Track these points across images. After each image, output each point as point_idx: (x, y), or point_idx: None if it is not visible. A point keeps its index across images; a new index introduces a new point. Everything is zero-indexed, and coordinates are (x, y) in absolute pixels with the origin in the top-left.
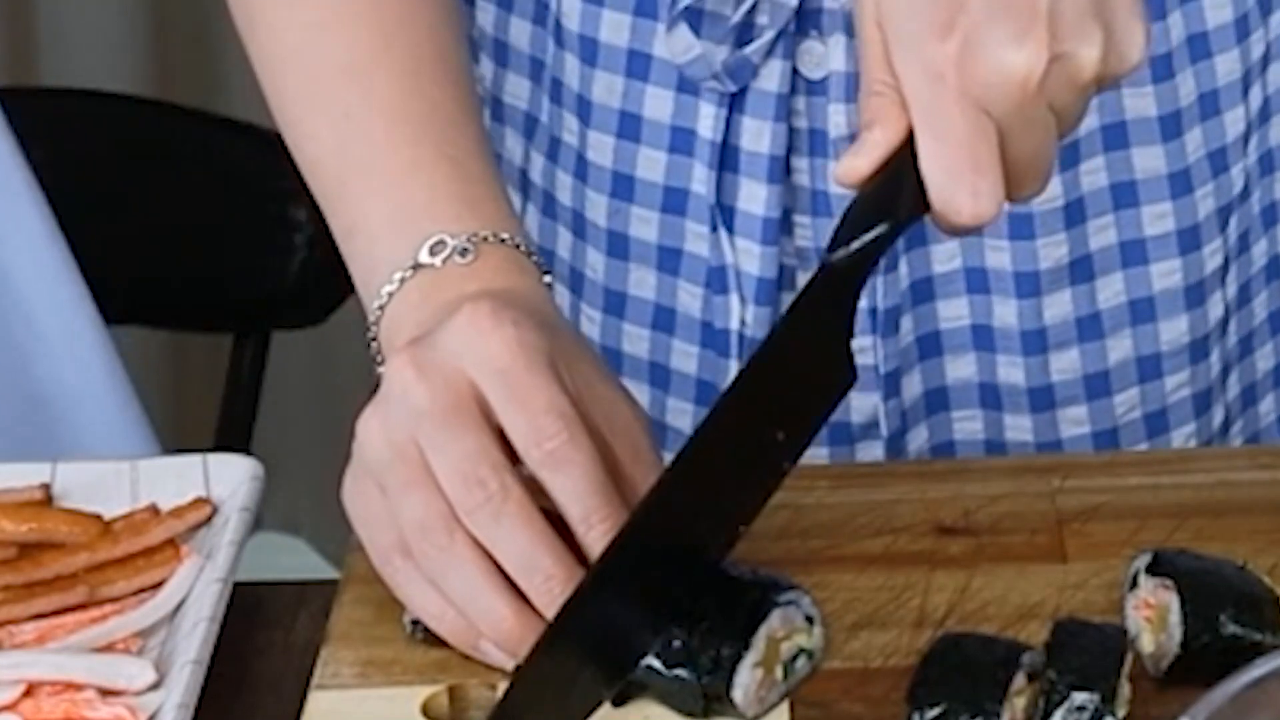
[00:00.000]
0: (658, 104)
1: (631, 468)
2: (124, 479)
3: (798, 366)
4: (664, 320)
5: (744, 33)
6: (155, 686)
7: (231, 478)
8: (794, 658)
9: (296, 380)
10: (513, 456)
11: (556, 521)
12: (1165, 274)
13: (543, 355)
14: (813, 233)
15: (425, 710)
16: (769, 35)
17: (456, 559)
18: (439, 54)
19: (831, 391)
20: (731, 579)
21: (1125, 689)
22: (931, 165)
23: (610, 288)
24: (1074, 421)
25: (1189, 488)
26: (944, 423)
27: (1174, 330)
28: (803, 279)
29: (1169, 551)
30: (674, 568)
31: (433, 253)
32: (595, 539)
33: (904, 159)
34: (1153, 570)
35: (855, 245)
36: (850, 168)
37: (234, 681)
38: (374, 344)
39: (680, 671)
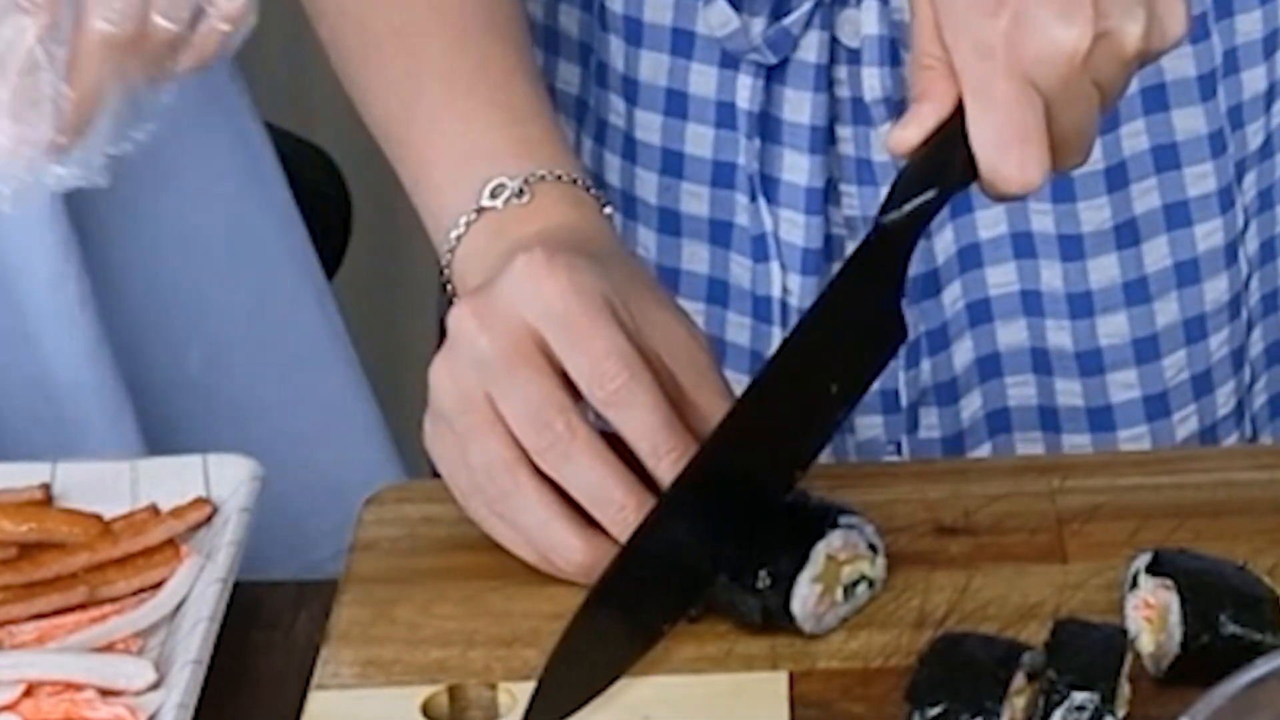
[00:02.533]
0: (702, 80)
1: (695, 391)
2: (124, 479)
3: (850, 324)
4: (718, 293)
5: (781, 5)
6: (155, 686)
7: (231, 478)
8: (855, 583)
9: None
10: (576, 395)
11: (623, 450)
12: (1208, 234)
13: (598, 297)
14: (859, 201)
15: (425, 710)
16: (807, 6)
17: (523, 499)
18: (488, 14)
19: (884, 348)
20: (795, 503)
21: (1125, 689)
22: (980, 135)
23: (663, 264)
24: (1124, 385)
25: (1189, 488)
26: (998, 389)
27: (1216, 290)
28: (851, 248)
29: (1169, 551)
30: (736, 503)
31: (493, 195)
32: (665, 470)
33: (953, 129)
34: (1153, 570)
35: (906, 208)
36: (900, 138)
37: (234, 681)
38: (449, 287)
39: (742, 582)
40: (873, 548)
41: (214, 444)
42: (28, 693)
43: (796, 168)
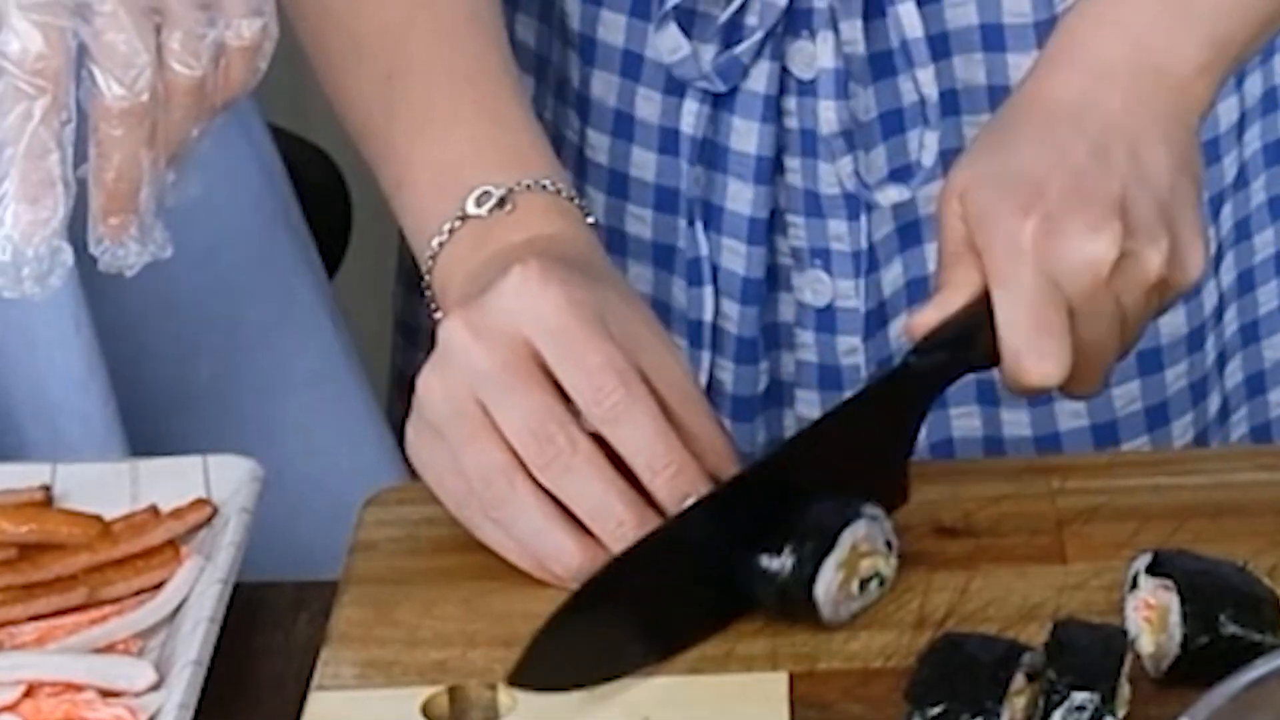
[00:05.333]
0: (649, 105)
1: (681, 410)
2: (124, 480)
3: (854, 452)
4: (659, 316)
5: (733, 33)
6: (155, 687)
7: (232, 479)
8: (869, 579)
9: None
10: (573, 409)
11: (620, 465)
12: None
13: (592, 311)
14: (805, 233)
15: (425, 710)
16: (758, 35)
17: (520, 505)
18: (472, 14)
19: (883, 498)
20: (819, 499)
21: (1125, 689)
22: (1006, 325)
23: None
24: (1072, 415)
25: (1189, 488)
26: (942, 420)
27: (1173, 323)
28: (796, 278)
29: (1169, 552)
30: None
31: (479, 203)
32: (661, 485)
33: (980, 313)
34: (1153, 571)
35: (929, 361)
36: (919, 322)
37: (234, 682)
38: (428, 293)
39: (765, 560)
40: (888, 545)
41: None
42: (28, 693)
43: (740, 197)
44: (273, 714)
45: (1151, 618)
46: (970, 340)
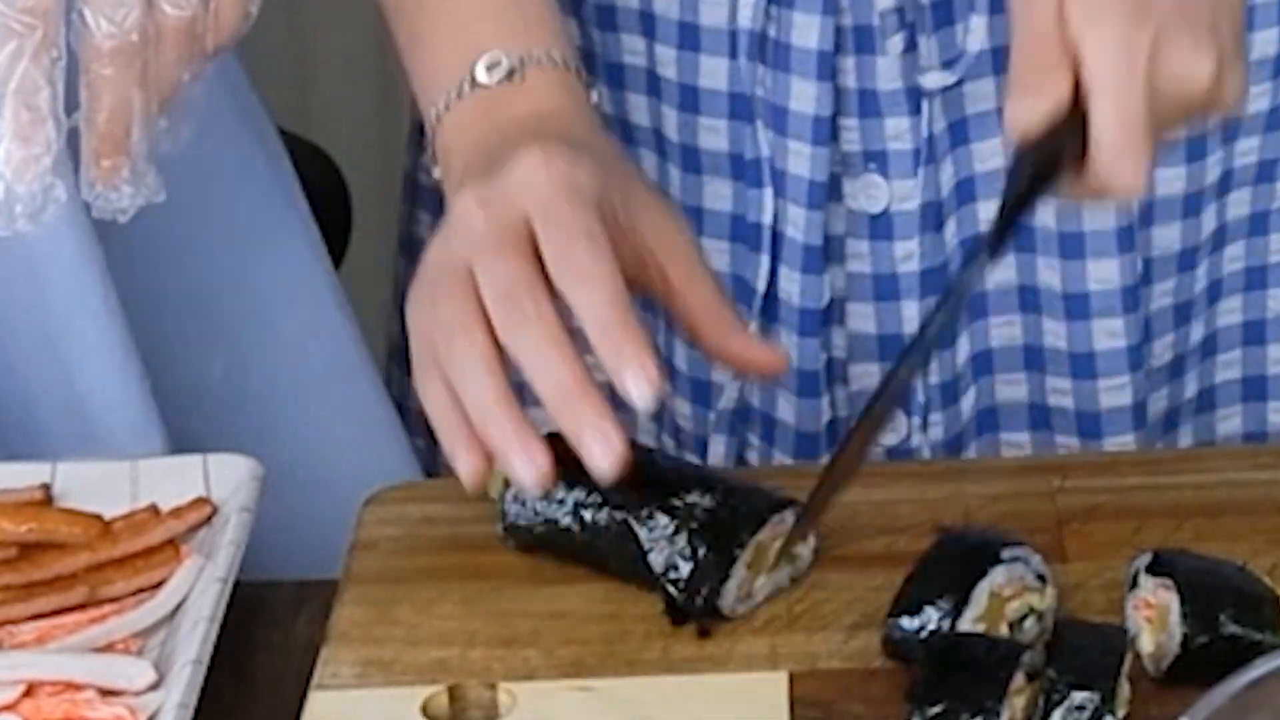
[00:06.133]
0: (712, 10)
1: (684, 284)
2: (124, 479)
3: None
4: (720, 223)
5: None
6: (155, 687)
7: (231, 478)
8: (1022, 618)
9: None
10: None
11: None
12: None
13: (590, 194)
14: (860, 135)
15: (425, 710)
16: None
17: (473, 364)
18: None
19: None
20: (953, 537)
21: (1125, 689)
22: (1107, 129)
23: (687, 204)
24: (1108, 334)
25: (1189, 488)
26: (981, 331)
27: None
28: (848, 184)
29: (1169, 551)
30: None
31: (488, 71)
32: (606, 347)
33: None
34: (1153, 570)
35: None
36: (1027, 108)
37: (234, 681)
38: (430, 150)
39: (907, 621)
40: (1041, 579)
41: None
42: (28, 693)
43: (803, 95)
44: (273, 713)
45: (1151, 617)
46: (1051, 157)
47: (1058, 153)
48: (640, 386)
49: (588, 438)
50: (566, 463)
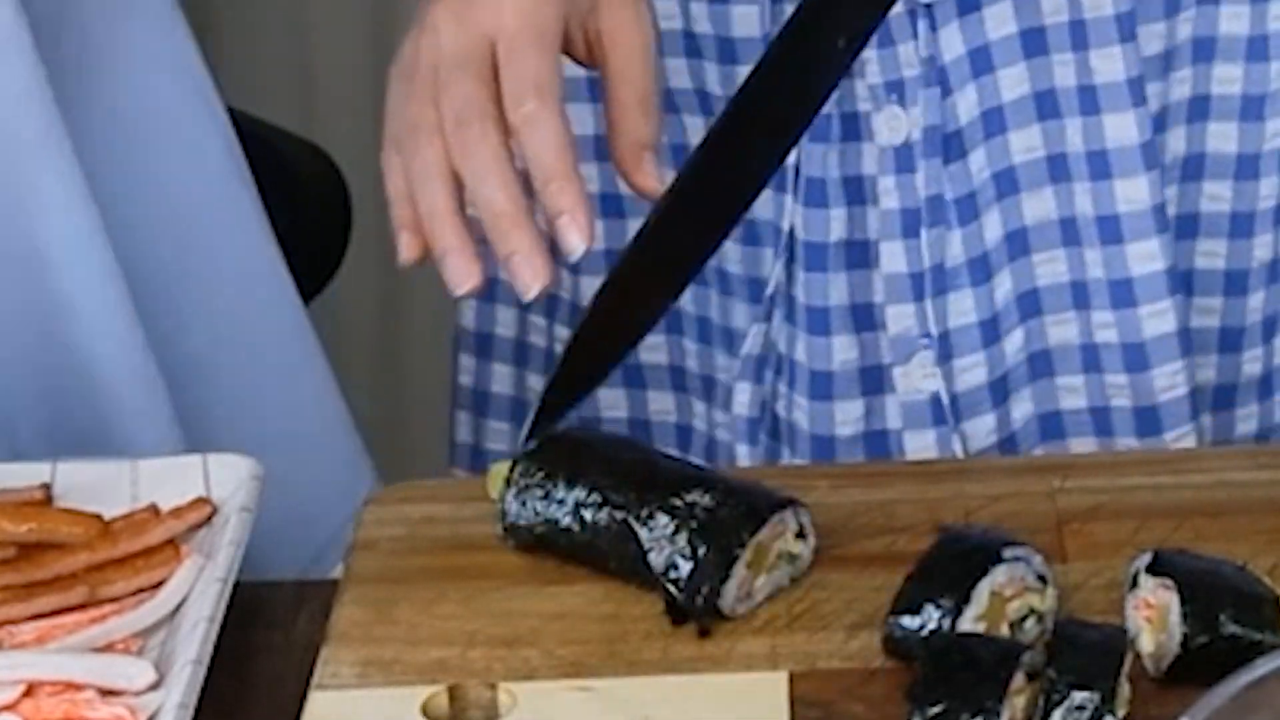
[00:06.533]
0: None
1: (617, 78)
2: (124, 479)
3: None
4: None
5: None
6: (155, 687)
7: (231, 478)
8: (1023, 619)
9: None
10: None
11: None
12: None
13: (551, 32)
14: (879, 67)
15: (425, 710)
16: None
17: (429, 165)
18: None
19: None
20: (956, 535)
21: (1125, 689)
22: None
23: None
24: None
25: (1189, 488)
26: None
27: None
28: (876, 121)
29: (1169, 551)
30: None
31: None
32: (549, 195)
33: None
34: (1153, 570)
35: None
36: None
37: (234, 681)
38: None
39: (908, 620)
40: (1041, 579)
41: (211, 441)
42: (28, 693)
43: None
44: (272, 713)
45: (1151, 617)
46: None
47: None
48: (572, 234)
49: (515, 260)
50: (567, 463)
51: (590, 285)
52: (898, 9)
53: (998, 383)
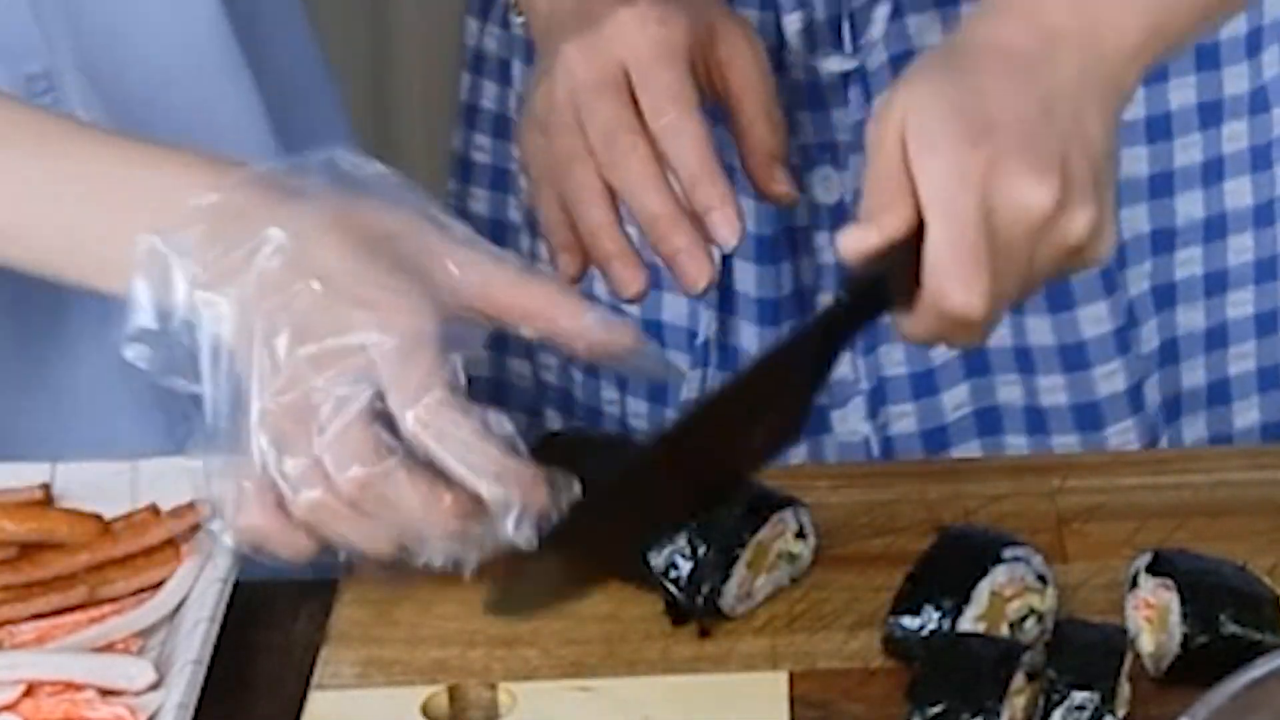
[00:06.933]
0: None
1: (740, 95)
2: (124, 479)
3: (776, 394)
4: None
5: None
6: (155, 686)
7: None
8: (1023, 619)
9: None
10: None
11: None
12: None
13: (680, 51)
14: (813, 129)
15: (425, 710)
16: None
17: (586, 190)
18: None
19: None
20: (960, 534)
21: (1125, 689)
22: (939, 249)
23: None
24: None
25: (1189, 488)
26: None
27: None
28: (806, 176)
29: (1169, 551)
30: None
31: None
32: (698, 194)
33: (902, 249)
34: (1153, 570)
35: (859, 299)
36: (857, 244)
37: (234, 681)
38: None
39: (908, 620)
40: (1041, 579)
41: None
42: (28, 693)
43: None
44: (272, 713)
45: (1151, 617)
46: (897, 275)
47: (886, 278)
48: (724, 227)
49: (682, 258)
50: (565, 463)
51: None
52: (834, 66)
53: (932, 432)
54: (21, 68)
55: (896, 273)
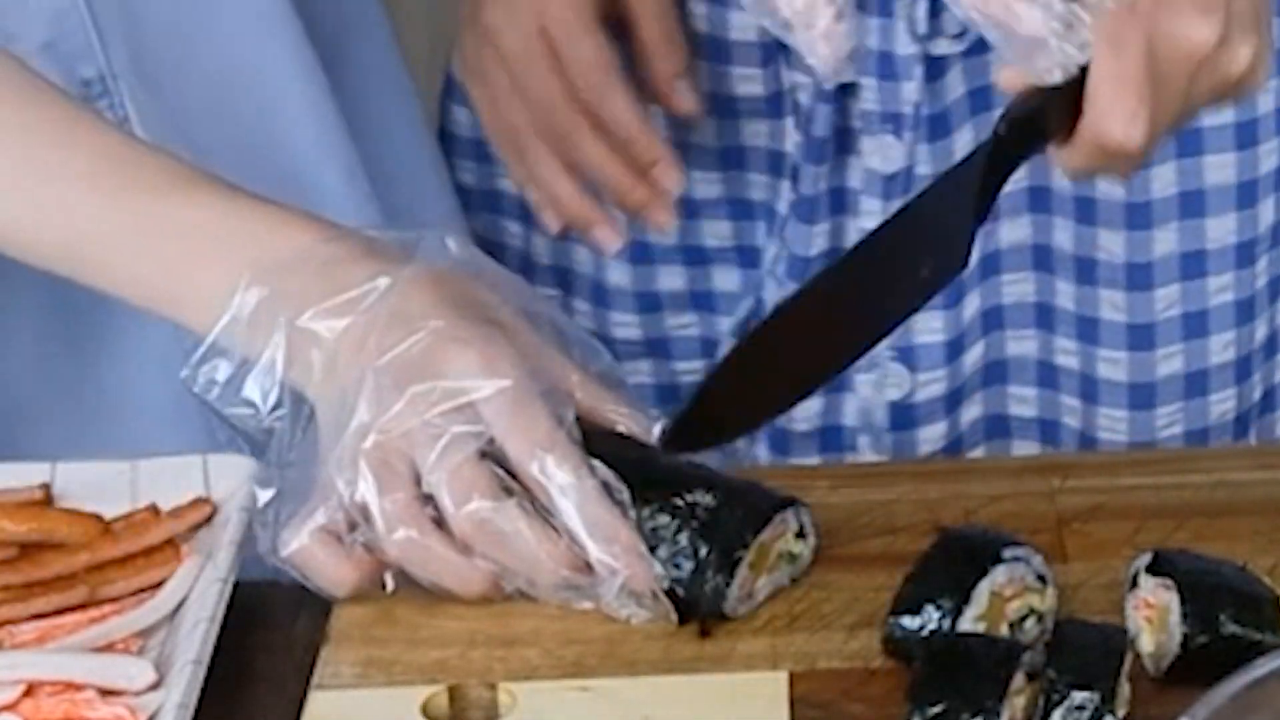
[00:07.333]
0: None
1: (659, 44)
2: (124, 479)
3: (934, 227)
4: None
5: None
6: (155, 686)
7: (231, 478)
8: (1023, 618)
9: None
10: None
11: None
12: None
13: (590, 5)
14: (877, 95)
15: (425, 710)
16: None
17: (539, 158)
18: None
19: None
20: (958, 534)
21: (1125, 689)
22: (1102, 82)
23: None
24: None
25: (1189, 488)
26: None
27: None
28: (867, 142)
29: (1169, 551)
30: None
31: None
32: (639, 149)
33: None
34: (1153, 570)
35: (1017, 132)
36: (1019, 72)
37: (234, 681)
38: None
39: (908, 620)
40: (1041, 579)
41: None
42: (28, 693)
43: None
44: (272, 713)
45: (1151, 617)
46: (1054, 109)
47: (1044, 109)
48: (669, 174)
49: (659, 168)
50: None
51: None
52: (908, 50)
53: (952, 393)
54: (76, 72)
55: (1055, 105)
